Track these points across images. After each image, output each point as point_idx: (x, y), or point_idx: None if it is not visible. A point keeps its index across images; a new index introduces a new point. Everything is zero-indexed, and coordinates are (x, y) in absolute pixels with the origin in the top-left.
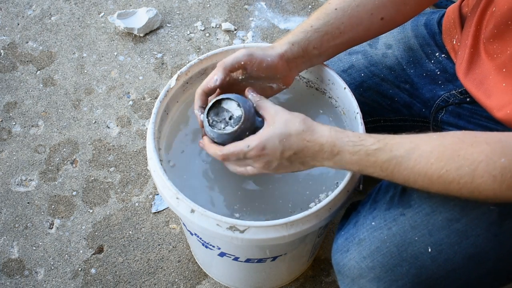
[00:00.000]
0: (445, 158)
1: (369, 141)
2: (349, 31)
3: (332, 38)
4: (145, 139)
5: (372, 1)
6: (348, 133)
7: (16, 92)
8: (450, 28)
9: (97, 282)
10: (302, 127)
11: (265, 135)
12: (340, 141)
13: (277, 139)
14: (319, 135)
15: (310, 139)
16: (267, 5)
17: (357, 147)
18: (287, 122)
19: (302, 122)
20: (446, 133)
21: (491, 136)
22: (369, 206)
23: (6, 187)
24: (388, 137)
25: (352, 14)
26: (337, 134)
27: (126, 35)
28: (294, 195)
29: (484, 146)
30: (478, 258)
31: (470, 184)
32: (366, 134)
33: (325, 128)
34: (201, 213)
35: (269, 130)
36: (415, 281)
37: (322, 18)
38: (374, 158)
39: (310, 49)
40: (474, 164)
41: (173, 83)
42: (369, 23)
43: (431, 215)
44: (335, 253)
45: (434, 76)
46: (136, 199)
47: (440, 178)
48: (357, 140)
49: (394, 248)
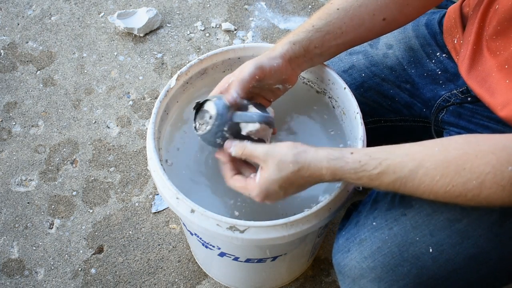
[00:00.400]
0: (451, 174)
1: (371, 165)
2: (350, 32)
3: (334, 38)
4: (145, 139)
5: (374, 2)
6: (347, 158)
7: (16, 92)
8: (451, 27)
9: (97, 282)
10: (297, 167)
11: (262, 183)
12: (340, 170)
13: (276, 185)
14: (317, 168)
15: (309, 174)
16: (267, 5)
17: (359, 173)
18: (279, 166)
19: (294, 160)
20: (448, 142)
21: (495, 143)
22: (370, 206)
23: (6, 187)
24: (390, 156)
25: (354, 14)
26: (336, 163)
27: (126, 35)
28: (294, 195)
29: (490, 157)
30: (480, 258)
31: (478, 196)
32: (367, 155)
33: (321, 157)
34: (201, 213)
35: (265, 176)
36: (416, 281)
37: (324, 18)
38: (378, 182)
39: (311, 48)
40: (481, 177)
41: (173, 83)
42: (371, 24)
43: (432, 215)
44: (336, 253)
45: (435, 76)
46: (136, 199)
47: (447, 193)
48: (358, 167)
49: (395, 248)
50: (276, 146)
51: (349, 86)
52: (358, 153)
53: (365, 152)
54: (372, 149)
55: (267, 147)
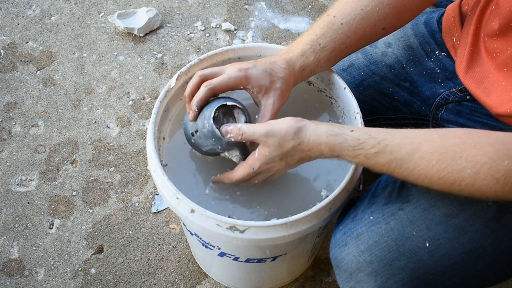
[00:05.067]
0: (447, 160)
1: (369, 143)
2: (353, 45)
3: (339, 54)
4: (145, 139)
5: (375, 14)
6: (346, 135)
7: (16, 92)
8: (450, 26)
9: (97, 282)
10: (297, 141)
11: (263, 157)
12: (338, 146)
13: (277, 158)
14: (316, 143)
15: (309, 149)
16: (267, 5)
17: (356, 151)
18: (280, 143)
19: (295, 136)
20: (448, 131)
21: (494, 137)
22: (367, 201)
23: (6, 187)
24: (389, 136)
25: (357, 28)
26: (335, 139)
27: (126, 35)
28: (294, 195)
29: (487, 148)
30: (476, 253)
31: (472, 186)
32: (366, 133)
33: (321, 132)
34: (201, 213)
35: (266, 154)
36: (412, 275)
37: (329, 35)
38: (374, 161)
39: (317, 69)
40: (477, 166)
41: (173, 83)
42: (372, 34)
43: (429, 210)
44: (333, 247)
45: (434, 74)
46: (136, 199)
47: (441, 180)
48: (356, 144)
49: (392, 242)
50: (276, 124)
51: (348, 85)
52: (358, 131)
53: (365, 131)
54: (372, 129)
55: (267, 127)
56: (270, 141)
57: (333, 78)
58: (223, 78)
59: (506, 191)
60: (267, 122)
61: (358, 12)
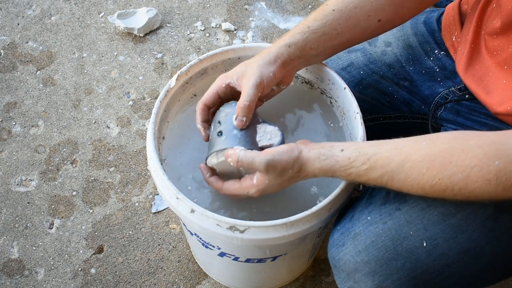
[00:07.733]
0: (437, 167)
1: (360, 161)
2: (346, 33)
3: (329, 39)
4: (145, 139)
5: (369, 3)
6: (337, 157)
7: (16, 92)
8: (450, 25)
9: (97, 282)
10: (296, 170)
11: (261, 184)
12: (331, 170)
13: (276, 186)
14: (311, 170)
15: (305, 175)
16: (267, 5)
17: (348, 170)
18: (281, 173)
19: (293, 165)
20: (436, 137)
21: (483, 138)
22: (365, 201)
23: (6, 187)
24: (378, 150)
25: (349, 16)
26: (327, 163)
27: (126, 35)
28: (294, 195)
29: (477, 151)
30: (474, 253)
31: (465, 190)
32: (356, 150)
33: (313, 158)
34: (201, 213)
35: (265, 182)
36: (410, 275)
37: (320, 20)
38: (366, 177)
39: (307, 50)
40: (467, 170)
41: (173, 83)
42: (366, 25)
43: (426, 209)
44: (330, 247)
45: (433, 73)
46: (136, 199)
47: (433, 187)
48: (347, 164)
49: (389, 242)
50: (275, 155)
51: (348, 84)
52: (348, 149)
53: (356, 147)
54: (363, 143)
55: (267, 158)
56: (270, 172)
57: (333, 78)
58: (208, 90)
59: (499, 191)
60: (266, 151)
61: (351, 0)
